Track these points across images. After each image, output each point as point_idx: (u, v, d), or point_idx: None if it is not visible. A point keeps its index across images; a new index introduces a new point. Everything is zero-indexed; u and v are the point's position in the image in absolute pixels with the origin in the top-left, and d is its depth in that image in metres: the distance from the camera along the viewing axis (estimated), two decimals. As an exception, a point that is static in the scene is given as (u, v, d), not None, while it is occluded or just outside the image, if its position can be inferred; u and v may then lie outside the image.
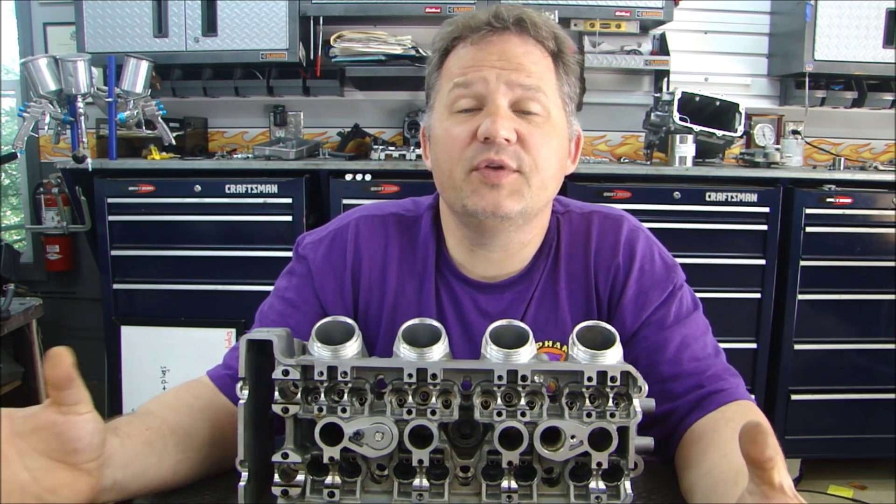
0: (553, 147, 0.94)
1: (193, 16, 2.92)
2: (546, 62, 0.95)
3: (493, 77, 0.91)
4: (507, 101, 0.91)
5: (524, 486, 0.72)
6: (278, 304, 1.02)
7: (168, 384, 2.70)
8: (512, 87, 0.91)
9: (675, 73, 3.13)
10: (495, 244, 0.98)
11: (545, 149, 0.92)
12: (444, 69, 0.97)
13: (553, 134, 0.94)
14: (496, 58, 0.92)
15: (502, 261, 1.00)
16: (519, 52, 0.92)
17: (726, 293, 2.70)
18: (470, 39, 0.94)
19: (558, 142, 0.95)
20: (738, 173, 2.78)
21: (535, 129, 0.92)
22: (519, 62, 0.92)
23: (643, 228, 1.04)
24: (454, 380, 0.71)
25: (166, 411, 0.82)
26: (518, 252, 1.00)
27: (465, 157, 0.92)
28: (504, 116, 0.90)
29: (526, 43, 0.93)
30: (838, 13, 2.90)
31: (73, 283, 3.42)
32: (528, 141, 0.91)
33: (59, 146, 2.93)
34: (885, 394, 2.78)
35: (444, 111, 0.95)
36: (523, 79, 0.91)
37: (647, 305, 0.98)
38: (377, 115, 3.34)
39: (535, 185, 0.92)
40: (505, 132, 0.89)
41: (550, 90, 0.94)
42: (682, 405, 0.92)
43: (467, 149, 0.91)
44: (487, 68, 0.91)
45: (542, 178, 0.93)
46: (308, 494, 0.72)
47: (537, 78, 0.92)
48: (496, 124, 0.89)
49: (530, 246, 1.01)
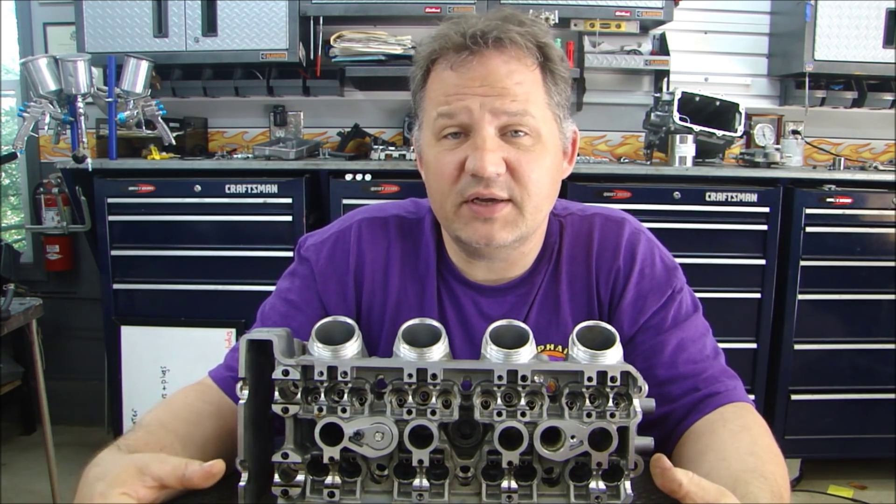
0: (545, 168, 0.92)
1: (193, 16, 2.92)
2: (532, 76, 0.91)
3: (477, 106, 0.88)
4: (493, 128, 0.88)
5: (524, 486, 0.72)
6: (280, 306, 1.02)
7: (168, 384, 2.70)
8: (497, 114, 0.88)
9: (675, 73, 3.13)
10: (493, 261, 0.99)
11: (536, 173, 0.90)
12: (426, 90, 0.94)
13: (544, 154, 0.91)
14: (478, 84, 0.88)
15: (502, 269, 1.00)
16: (502, 73, 0.88)
17: (726, 293, 2.70)
18: (450, 62, 0.89)
19: (551, 159, 0.93)
20: (738, 173, 2.78)
21: (524, 156, 0.89)
22: (503, 86, 0.88)
23: (645, 231, 1.04)
24: (454, 380, 0.71)
25: (178, 424, 0.83)
26: (518, 260, 1.00)
27: (455, 189, 0.90)
28: (490, 149, 0.87)
29: (508, 62, 0.89)
30: (838, 13, 2.90)
31: (73, 283, 3.42)
32: (517, 170, 0.89)
33: (59, 146, 2.93)
34: (885, 394, 2.78)
35: (431, 137, 0.93)
36: (508, 104, 0.88)
37: (645, 310, 0.98)
38: (377, 115, 3.34)
39: (529, 210, 0.91)
40: (493, 167, 0.87)
41: (539, 108, 0.90)
42: (679, 408, 0.92)
43: (457, 182, 0.90)
44: (471, 96, 0.88)
45: (536, 203, 0.92)
46: (308, 494, 0.72)
47: (523, 100, 0.88)
48: (483, 161, 0.86)
49: (530, 253, 1.01)
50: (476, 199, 0.89)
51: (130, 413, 2.73)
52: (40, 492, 2.68)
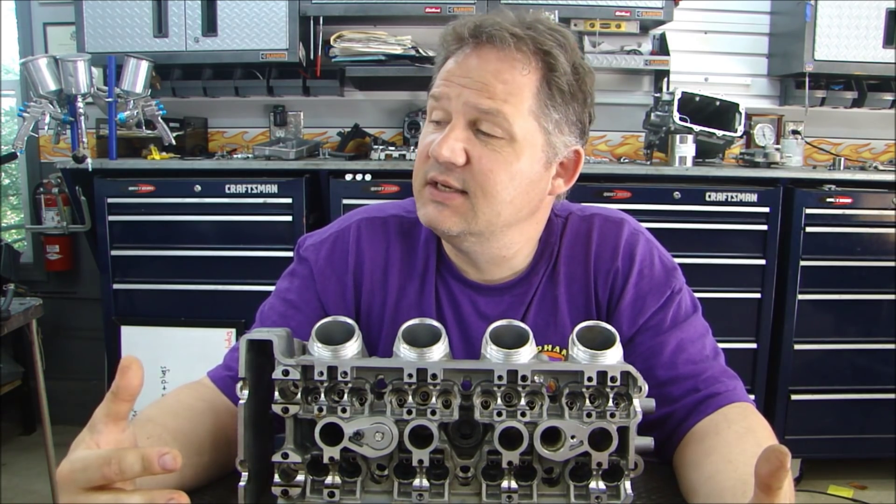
0: (511, 172, 0.91)
1: (193, 16, 2.92)
2: (523, 80, 0.90)
3: (455, 95, 0.90)
4: (464, 120, 0.90)
5: (524, 486, 0.72)
6: (279, 306, 1.02)
7: (168, 384, 2.70)
8: (468, 108, 0.89)
9: (675, 73, 3.13)
10: (469, 254, 0.98)
11: (498, 174, 0.90)
12: (437, 76, 0.97)
13: (513, 158, 0.90)
14: (463, 74, 0.90)
15: (489, 269, 1.00)
16: (488, 69, 0.89)
17: (726, 293, 2.70)
18: (455, 52, 0.93)
19: (521, 167, 0.91)
20: (738, 173, 2.78)
21: (488, 153, 0.90)
22: (483, 82, 0.89)
23: (644, 231, 1.04)
24: (454, 380, 0.71)
25: (167, 417, 0.82)
26: (508, 261, 1.00)
27: (422, 170, 0.94)
28: (452, 138, 0.89)
29: (501, 60, 0.89)
30: (838, 13, 2.90)
31: (73, 283, 3.42)
32: (476, 165, 0.90)
33: (59, 146, 2.93)
34: (885, 394, 2.78)
35: (427, 118, 0.97)
36: (482, 101, 0.88)
37: (644, 310, 0.98)
38: (377, 115, 3.34)
39: (483, 210, 0.91)
40: (447, 153, 0.88)
41: (519, 113, 0.90)
42: (679, 409, 0.92)
43: (425, 163, 0.93)
44: (455, 86, 0.90)
45: (492, 204, 0.91)
46: (308, 494, 0.72)
47: (500, 100, 0.88)
48: (440, 146, 0.89)
49: (521, 254, 1.00)
50: (434, 184, 0.92)
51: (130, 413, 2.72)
52: (40, 492, 2.68)
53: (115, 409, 0.64)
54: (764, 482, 0.58)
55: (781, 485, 0.58)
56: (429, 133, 0.94)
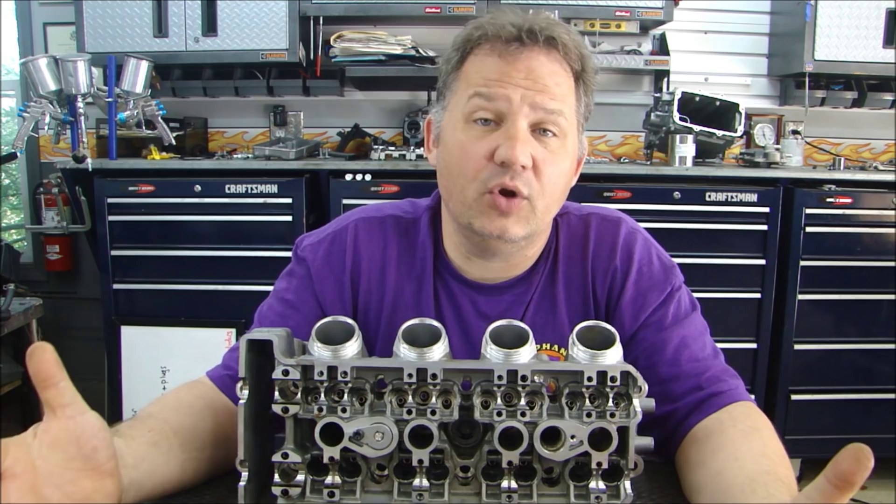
0: (563, 171, 0.93)
1: (193, 16, 2.92)
2: (569, 83, 0.93)
3: (518, 97, 0.88)
4: (527, 122, 0.89)
5: (524, 486, 0.72)
6: (278, 306, 1.02)
7: (168, 384, 2.70)
8: (535, 109, 0.89)
9: (675, 73, 3.13)
10: (496, 259, 0.99)
11: (555, 174, 0.92)
12: (463, 71, 0.94)
13: (565, 157, 0.93)
14: (523, 76, 0.89)
15: (502, 269, 1.00)
16: (545, 71, 0.90)
17: (726, 293, 2.70)
18: (497, 49, 0.90)
19: (568, 164, 0.94)
20: (738, 173, 2.78)
21: (549, 155, 0.91)
22: (545, 83, 0.89)
23: (641, 230, 1.04)
24: (454, 380, 0.71)
25: (168, 413, 0.82)
26: (520, 262, 1.00)
27: (480, 177, 0.90)
28: (524, 141, 0.88)
29: (552, 62, 0.91)
30: (838, 13, 2.90)
31: (73, 283, 3.42)
32: (540, 167, 0.90)
33: (59, 146, 2.93)
34: (885, 394, 2.78)
35: (459, 118, 0.92)
36: (548, 101, 0.89)
37: (645, 307, 0.98)
38: (377, 115, 3.34)
39: (540, 209, 0.92)
40: (524, 158, 0.87)
41: (570, 112, 0.92)
42: (682, 407, 0.91)
43: (483, 170, 0.90)
44: (513, 86, 0.89)
45: (547, 203, 0.92)
46: (308, 494, 0.72)
47: (560, 100, 0.90)
48: (515, 150, 0.87)
49: (533, 256, 1.01)
50: (499, 191, 0.89)
51: (130, 413, 2.71)
52: (40, 492, 2.67)
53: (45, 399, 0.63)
54: (843, 479, 0.56)
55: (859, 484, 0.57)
56: (479, 136, 0.90)
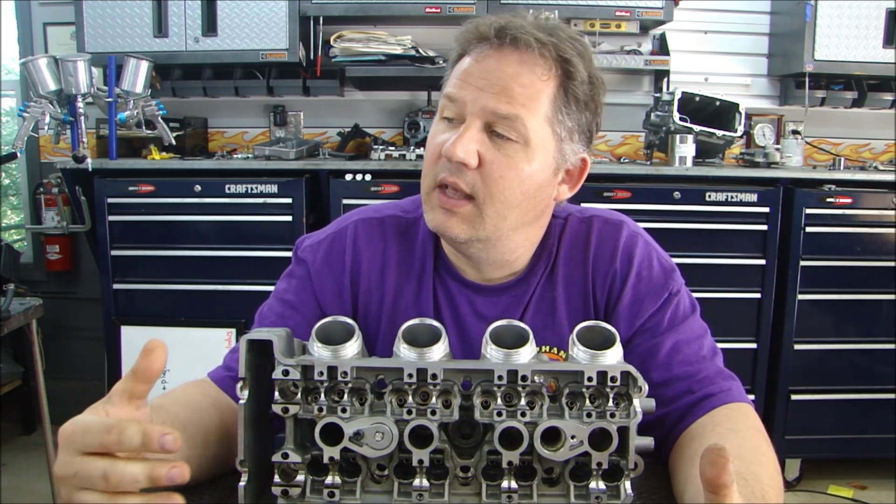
0: (520, 177, 0.91)
1: (193, 16, 2.92)
2: (541, 86, 0.90)
3: (472, 98, 0.89)
4: (480, 122, 0.89)
5: (524, 486, 0.72)
6: (277, 306, 1.02)
7: (168, 384, 2.67)
8: (485, 111, 0.89)
9: (675, 73, 3.13)
10: (473, 258, 0.98)
11: (508, 179, 0.90)
12: (452, 72, 0.95)
13: (524, 162, 0.90)
14: (482, 77, 0.89)
15: (489, 270, 1.00)
16: (508, 72, 0.88)
17: (726, 293, 2.70)
18: (475, 51, 0.92)
19: (532, 172, 0.91)
20: (738, 173, 2.78)
21: (502, 158, 0.89)
22: (503, 85, 0.88)
23: (643, 233, 1.04)
24: (454, 380, 0.71)
25: (177, 407, 0.82)
26: (510, 263, 1.00)
27: (431, 172, 0.93)
28: (467, 139, 0.88)
29: (524, 63, 0.89)
30: (838, 13, 2.90)
31: (73, 283, 3.42)
32: (488, 168, 0.89)
33: (59, 146, 2.93)
34: (885, 394, 2.78)
35: (437, 116, 0.96)
36: (501, 106, 0.88)
37: (641, 313, 0.98)
38: (377, 115, 3.34)
39: (490, 215, 0.91)
40: (462, 153, 0.88)
41: (536, 118, 0.89)
42: (674, 411, 0.91)
43: (436, 165, 0.92)
44: (472, 87, 0.89)
45: (499, 209, 0.91)
46: (308, 494, 0.72)
47: (519, 105, 0.88)
48: (454, 146, 0.88)
49: (523, 257, 1.01)
50: (443, 188, 0.91)
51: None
52: (40, 492, 2.67)
53: (132, 388, 0.65)
54: (714, 485, 0.56)
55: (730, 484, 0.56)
56: (441, 131, 0.93)
